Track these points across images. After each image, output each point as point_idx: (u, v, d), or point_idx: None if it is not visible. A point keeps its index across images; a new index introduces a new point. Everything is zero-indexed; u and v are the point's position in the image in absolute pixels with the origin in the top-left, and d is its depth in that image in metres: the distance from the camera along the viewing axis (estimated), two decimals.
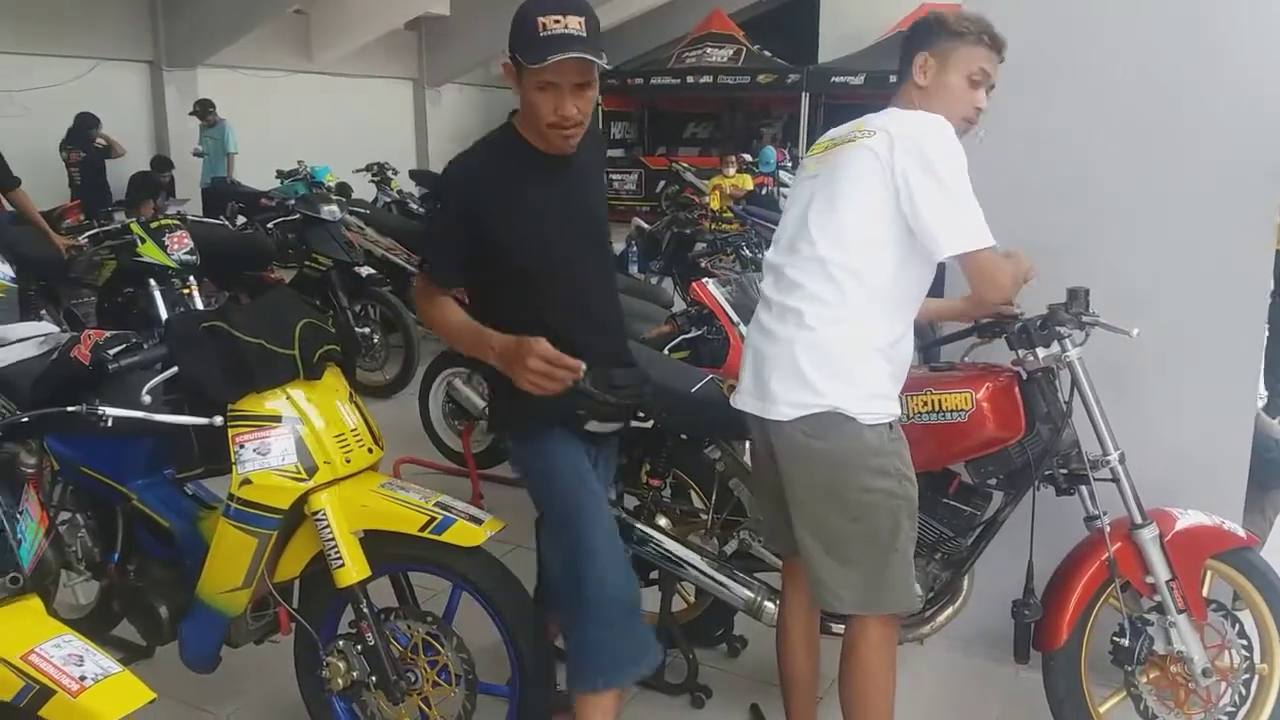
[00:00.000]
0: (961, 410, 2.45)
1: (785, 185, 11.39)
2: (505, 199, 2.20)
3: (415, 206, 10.15)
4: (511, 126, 2.27)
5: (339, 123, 13.97)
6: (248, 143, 11.53)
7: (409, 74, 16.27)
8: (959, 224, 2.09)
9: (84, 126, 10.23)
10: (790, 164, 12.81)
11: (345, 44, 13.95)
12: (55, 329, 3.27)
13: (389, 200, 10.50)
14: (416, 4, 13.98)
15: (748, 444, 2.96)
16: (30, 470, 2.70)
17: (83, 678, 1.69)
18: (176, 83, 12.09)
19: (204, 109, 11.45)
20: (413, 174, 12.79)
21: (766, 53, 16.73)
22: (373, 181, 10.96)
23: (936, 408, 2.47)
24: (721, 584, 2.83)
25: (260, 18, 11.70)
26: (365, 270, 6.33)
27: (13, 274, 4.49)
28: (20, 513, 1.90)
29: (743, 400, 2.32)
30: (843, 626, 2.47)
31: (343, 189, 9.99)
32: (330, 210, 6.38)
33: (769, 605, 2.78)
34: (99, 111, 10.48)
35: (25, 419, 2.39)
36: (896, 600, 2.27)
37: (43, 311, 5.61)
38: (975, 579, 2.72)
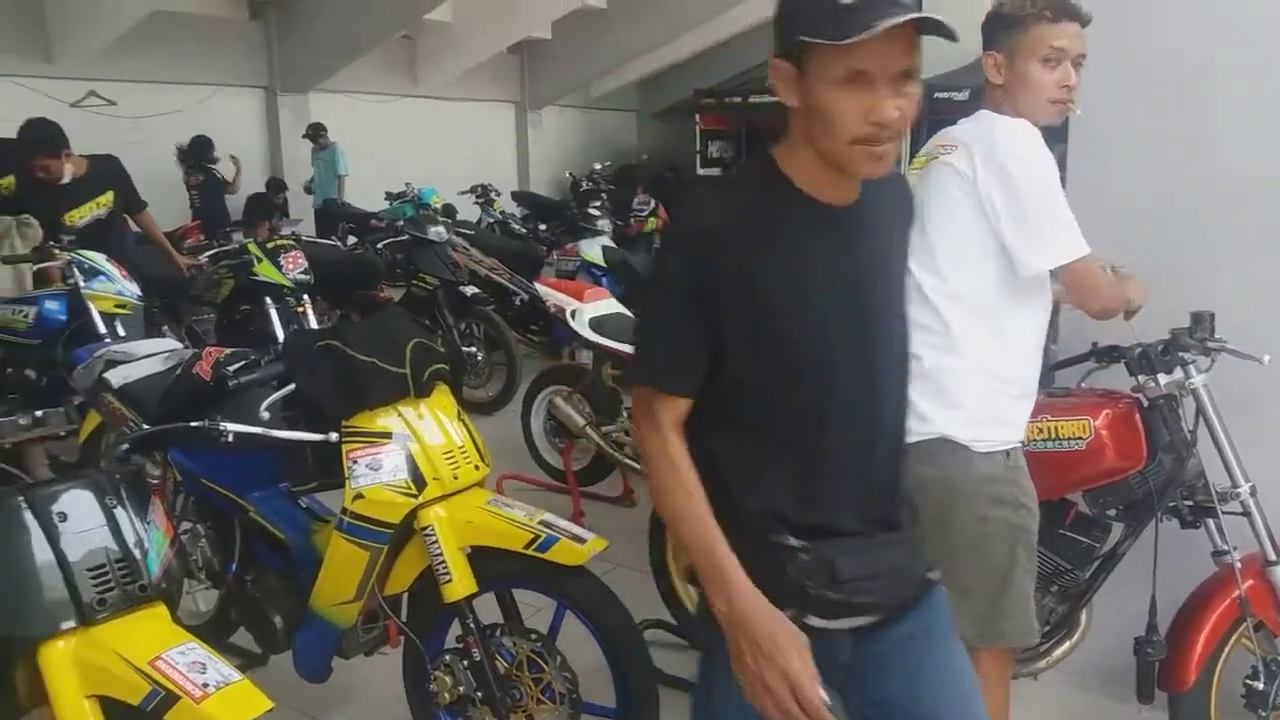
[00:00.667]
0: (1079, 438, 2.37)
1: None
2: (765, 265, 1.44)
3: (517, 227, 10.35)
4: (772, 164, 1.52)
5: (444, 145, 14.31)
6: (357, 165, 11.90)
7: (511, 97, 16.58)
8: (1046, 237, 2.02)
9: (202, 150, 10.72)
10: None
11: (450, 68, 14.30)
12: (178, 345, 3.41)
13: (492, 221, 10.72)
14: (520, 28, 14.25)
15: None
16: (155, 481, 2.84)
17: (205, 685, 1.75)
18: (290, 107, 12.56)
19: (315, 132, 11.87)
20: (514, 195, 13.03)
21: None
22: (477, 203, 11.20)
23: (1052, 435, 2.39)
24: None
25: (369, 44, 12.08)
26: (470, 289, 6.46)
27: (139, 292, 4.70)
28: (148, 523, 1.97)
29: None
30: None
31: (448, 210, 10.23)
32: (437, 231, 6.55)
33: None
34: (217, 136, 10.96)
35: (152, 433, 2.50)
36: (1013, 633, 2.20)
37: (165, 328, 5.87)
38: (1094, 613, 2.62)
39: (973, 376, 2.10)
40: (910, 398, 2.08)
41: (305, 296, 5.70)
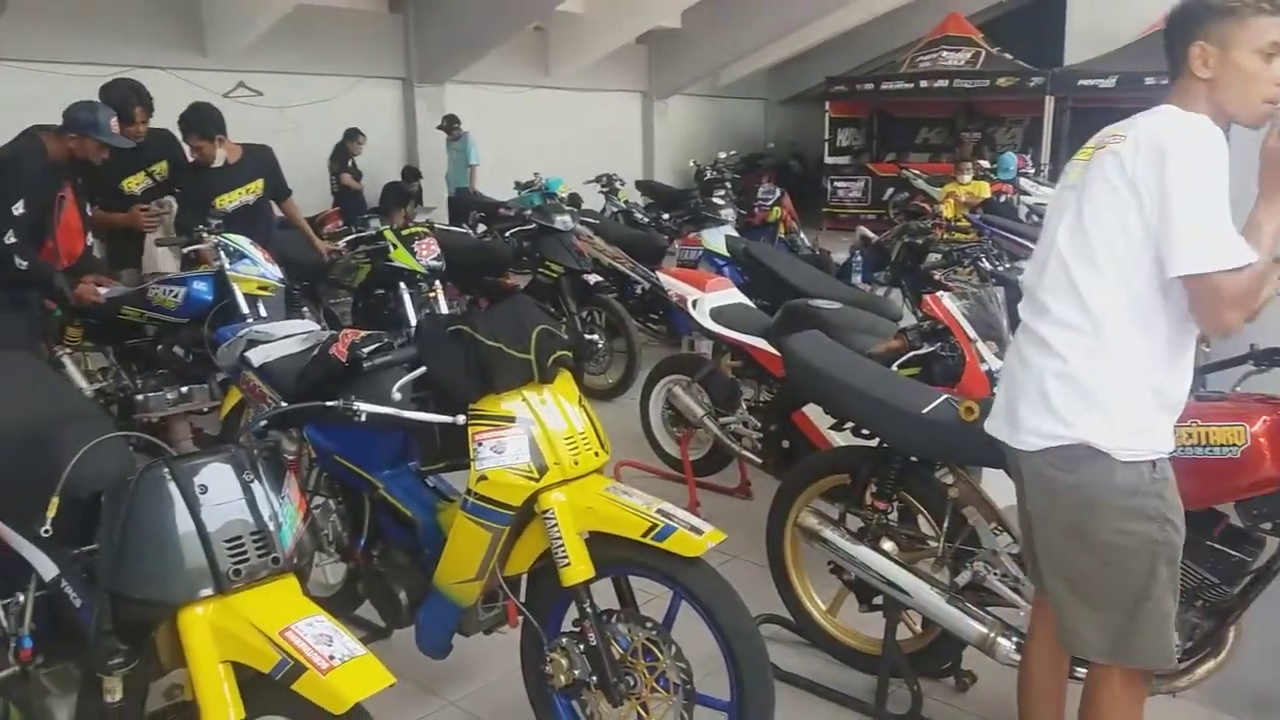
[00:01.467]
0: (1233, 445, 2.21)
1: (1026, 193, 10.78)
2: None
3: (640, 216, 10.37)
4: None
5: (572, 135, 14.49)
6: (488, 155, 12.15)
7: (638, 86, 16.64)
8: (1196, 240, 1.86)
9: (347, 139, 11.16)
10: (1032, 170, 12.12)
11: (580, 59, 14.45)
12: (316, 327, 3.53)
13: (616, 210, 10.78)
14: (649, 17, 14.29)
15: (983, 471, 2.82)
16: (291, 457, 2.95)
17: (331, 657, 1.80)
18: (426, 98, 12.92)
19: (450, 124, 12.17)
20: (638, 184, 13.09)
21: (1007, 55, 15.96)
22: (602, 192, 11.29)
23: (1203, 441, 2.24)
24: (951, 617, 2.69)
25: (503, 36, 12.32)
26: (593, 277, 6.52)
27: (281, 275, 4.89)
28: (283, 497, 2.05)
29: (994, 425, 2.20)
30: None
31: (574, 199, 10.35)
32: (563, 220, 6.62)
33: (1003, 642, 2.61)
34: (357, 124, 11.36)
35: (290, 410, 2.60)
36: (1148, 652, 2.07)
37: (304, 310, 6.10)
38: (1243, 631, 2.45)
39: (1120, 379, 1.98)
40: (1050, 400, 1.98)
41: (436, 282, 5.84)
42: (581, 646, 2.43)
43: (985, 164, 11.30)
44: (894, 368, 3.38)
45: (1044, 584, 2.18)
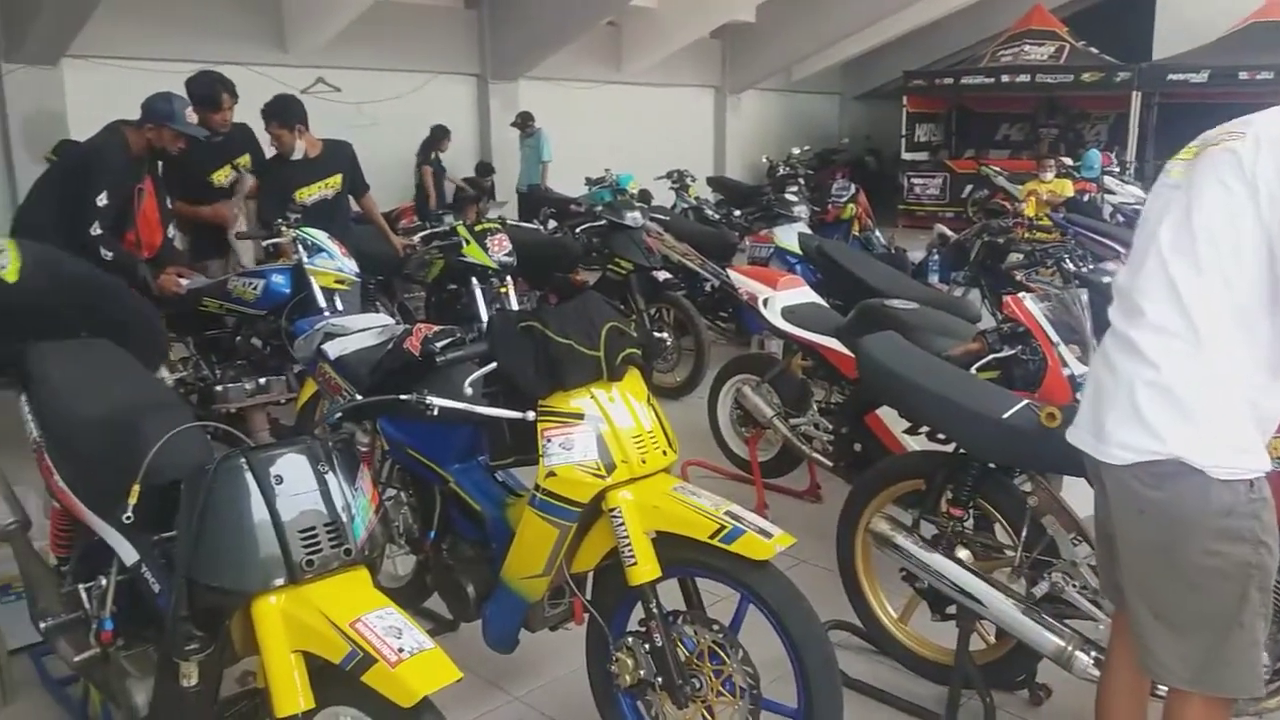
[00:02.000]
0: None
1: (1111, 192, 10.47)
2: None
3: (711, 212, 10.32)
4: None
5: (643, 130, 14.49)
6: (560, 151, 12.21)
7: (711, 81, 16.56)
8: None
9: (435, 137, 11.33)
10: (1117, 168, 11.77)
11: (653, 54, 14.43)
12: (390, 320, 3.57)
13: (686, 206, 10.74)
14: (724, 12, 14.20)
15: (1064, 478, 2.74)
16: (364, 449, 2.99)
17: (401, 650, 1.81)
18: (500, 94, 13.03)
19: (524, 121, 12.26)
20: (710, 180, 13.02)
21: (1093, 49, 15.53)
22: (672, 188, 11.26)
23: None
24: (1027, 628, 2.61)
25: (577, 32, 12.36)
26: (662, 274, 6.50)
27: (357, 269, 4.97)
28: (356, 489, 2.07)
29: (1078, 435, 2.09)
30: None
31: (644, 196, 10.34)
32: (633, 217, 6.62)
33: (1081, 656, 2.53)
34: (431, 121, 11.52)
35: (364, 403, 2.63)
36: (1234, 681, 1.96)
37: (378, 304, 6.19)
38: None
39: (1220, 391, 1.87)
40: (1141, 411, 1.88)
41: (508, 277, 5.88)
42: (647, 646, 2.42)
43: (1068, 161, 11.00)
44: (972, 371, 3.30)
45: (1123, 603, 2.09)
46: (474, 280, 5.80)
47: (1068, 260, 5.37)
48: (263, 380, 4.80)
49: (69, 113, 8.62)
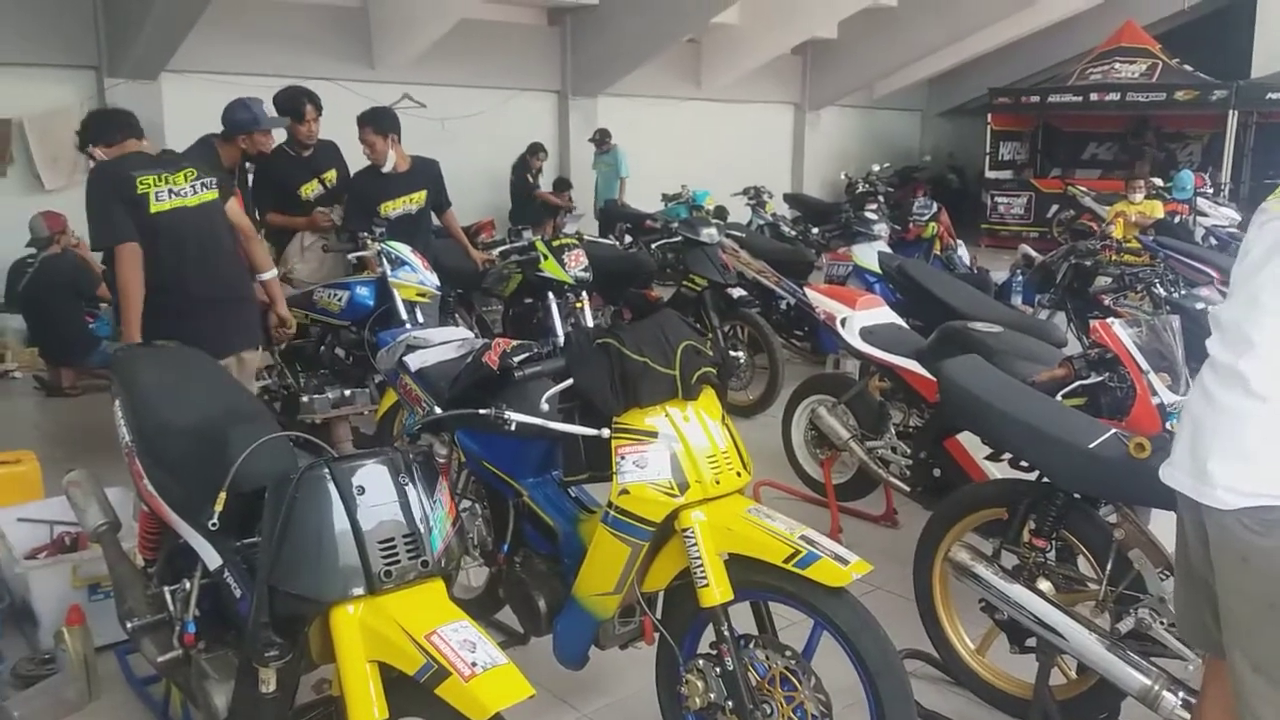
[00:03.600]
0: None
1: (1203, 214, 10.13)
2: None
3: (787, 229, 10.26)
4: None
5: (721, 147, 14.48)
6: (637, 167, 12.27)
7: (791, 98, 16.49)
8: None
9: (531, 152, 11.50)
10: (1211, 190, 11.38)
11: (733, 70, 14.42)
12: (470, 334, 3.62)
13: (762, 223, 10.71)
14: (805, 28, 14.13)
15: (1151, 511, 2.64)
16: (442, 460, 3.02)
17: (474, 664, 1.82)
18: (580, 110, 13.16)
19: (601, 137, 12.35)
20: (787, 197, 12.95)
21: (1186, 67, 15.07)
22: (749, 205, 11.23)
23: None
24: (1111, 664, 2.52)
25: (658, 48, 12.42)
26: (737, 292, 6.47)
27: (438, 282, 5.05)
28: (434, 502, 2.09)
29: (1173, 475, 1.98)
30: None
31: (720, 212, 10.33)
32: (709, 233, 6.60)
33: (1169, 697, 2.43)
34: (512, 137, 11.69)
35: (444, 416, 2.67)
36: None
37: (457, 316, 6.29)
38: None
39: None
40: (1249, 452, 1.78)
41: (583, 292, 5.92)
42: (718, 670, 2.40)
43: (1159, 182, 10.68)
44: (1058, 397, 3.21)
45: (1208, 647, 1.99)
46: (550, 295, 5.85)
47: (1158, 285, 5.19)
48: (348, 392, 4.90)
49: (166, 125, 8.95)
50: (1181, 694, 2.44)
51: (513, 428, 2.40)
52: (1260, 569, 1.82)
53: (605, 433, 2.43)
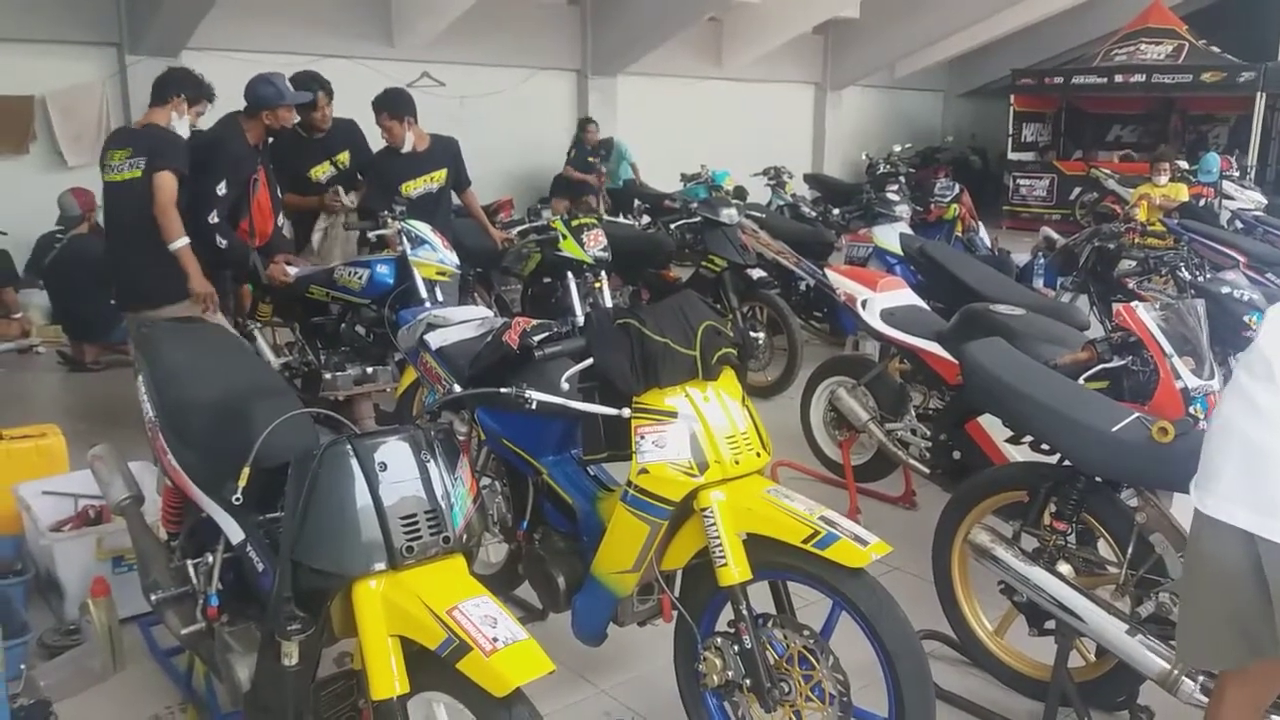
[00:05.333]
0: None
1: (1229, 197, 10.00)
2: None
3: (807, 210, 10.19)
4: None
5: (741, 126, 14.38)
6: (656, 146, 12.19)
7: (812, 78, 16.34)
8: None
9: (580, 129, 11.37)
10: (1237, 173, 11.23)
11: (754, 49, 14.30)
12: (489, 313, 3.63)
13: (782, 204, 10.63)
14: (827, 7, 14.00)
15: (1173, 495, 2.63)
16: (462, 438, 3.04)
17: (495, 640, 1.83)
18: (599, 89, 13.09)
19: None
20: (807, 178, 12.86)
21: (1214, 48, 14.85)
22: (769, 185, 11.15)
23: None
24: (1130, 648, 2.51)
25: (679, 27, 12.32)
26: (756, 272, 6.45)
27: (458, 261, 5.05)
28: (455, 478, 2.10)
29: (1225, 507, 1.85)
30: None
31: (739, 192, 10.26)
32: (729, 214, 6.57)
33: (1188, 681, 2.42)
34: (530, 116, 11.60)
35: (465, 394, 2.67)
36: None
37: (476, 295, 6.29)
38: None
39: None
40: None
41: (602, 272, 5.92)
42: (736, 648, 2.40)
43: (1184, 165, 10.54)
44: (1081, 381, 3.19)
45: (1230, 665, 1.96)
46: (569, 274, 5.85)
47: (1183, 268, 5.14)
48: (370, 370, 4.92)
49: None
50: (1201, 679, 2.43)
51: (533, 406, 2.41)
52: None
53: (626, 413, 2.44)
